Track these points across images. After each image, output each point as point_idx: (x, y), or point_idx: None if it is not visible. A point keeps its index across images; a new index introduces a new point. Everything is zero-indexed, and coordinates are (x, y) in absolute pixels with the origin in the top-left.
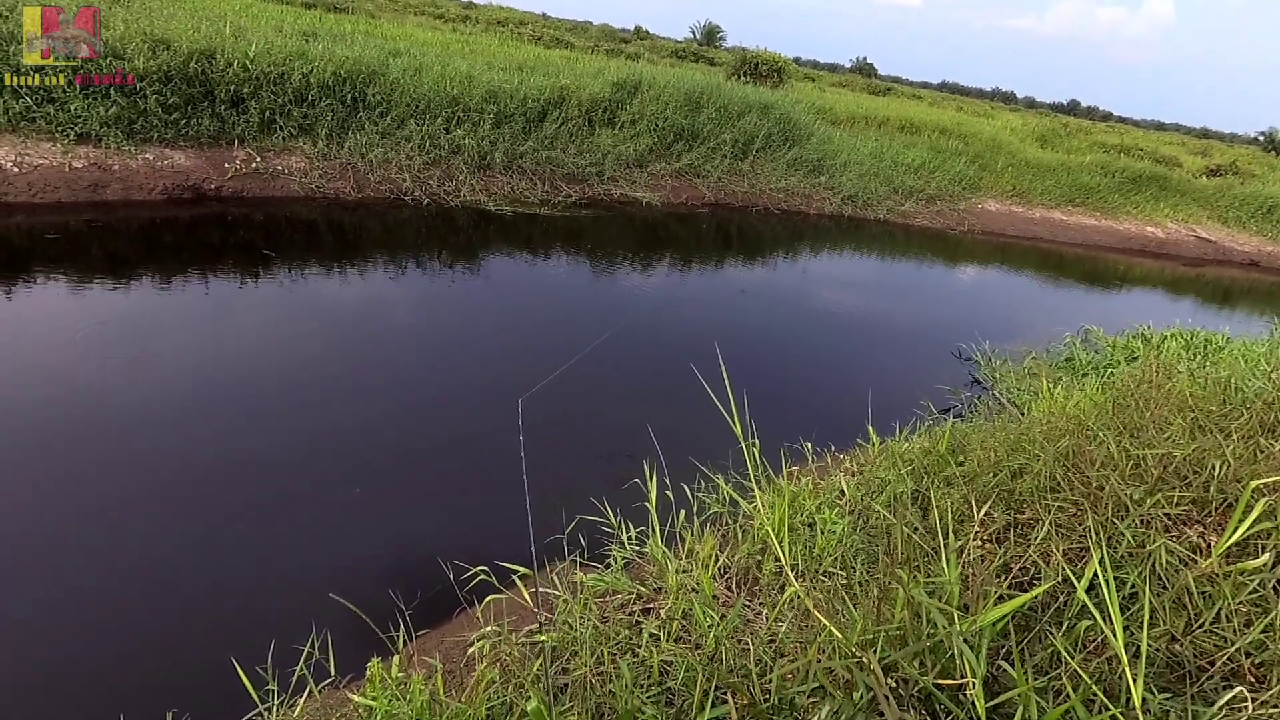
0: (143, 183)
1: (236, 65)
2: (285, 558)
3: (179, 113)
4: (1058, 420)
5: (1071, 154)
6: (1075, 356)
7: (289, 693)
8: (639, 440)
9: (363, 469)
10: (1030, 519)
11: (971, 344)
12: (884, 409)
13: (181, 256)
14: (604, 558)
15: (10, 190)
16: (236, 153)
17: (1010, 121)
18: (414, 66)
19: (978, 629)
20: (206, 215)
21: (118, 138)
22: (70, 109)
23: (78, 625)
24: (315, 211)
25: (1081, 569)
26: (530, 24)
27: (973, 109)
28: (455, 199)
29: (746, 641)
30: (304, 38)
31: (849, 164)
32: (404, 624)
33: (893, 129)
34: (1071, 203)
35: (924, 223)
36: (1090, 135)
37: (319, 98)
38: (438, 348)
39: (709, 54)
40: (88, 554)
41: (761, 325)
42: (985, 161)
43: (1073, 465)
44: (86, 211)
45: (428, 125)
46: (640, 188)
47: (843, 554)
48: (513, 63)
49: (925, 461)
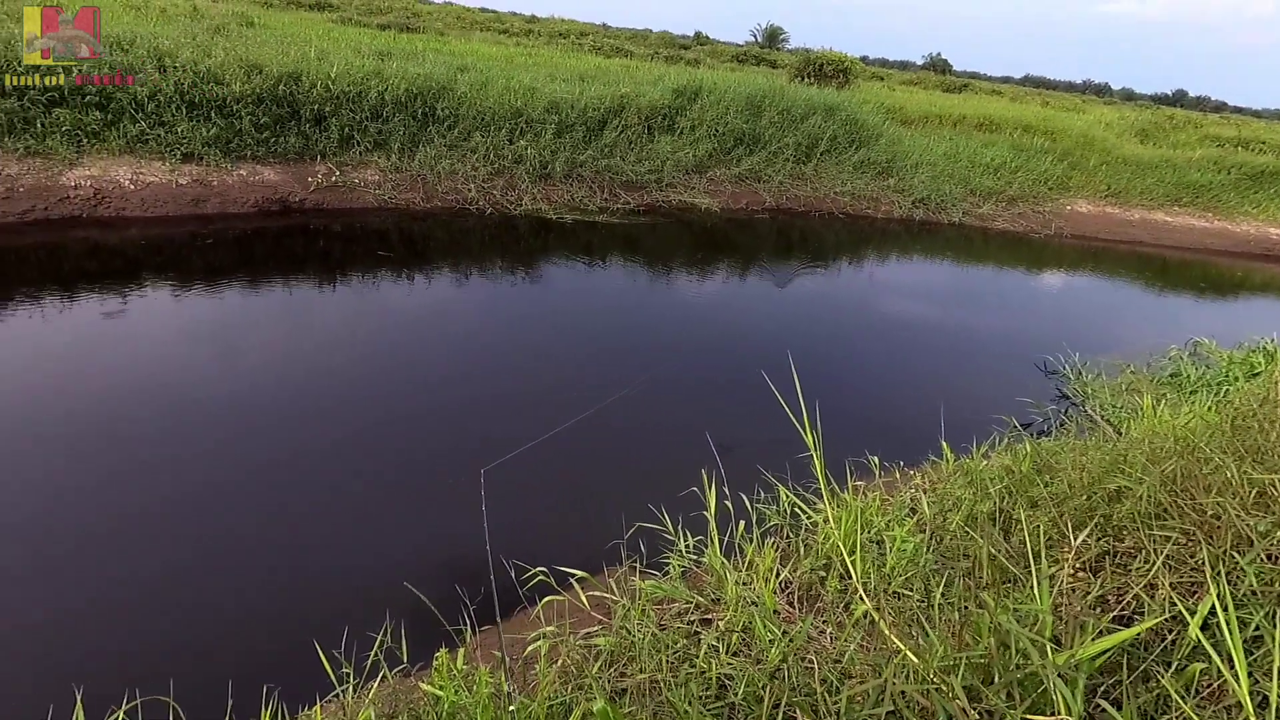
0: (238, 196)
1: (319, 86)
2: (364, 548)
3: (269, 131)
4: (1163, 441)
5: (1178, 149)
6: (1182, 371)
7: (363, 676)
8: (698, 448)
9: (440, 465)
10: (1131, 547)
11: (1058, 356)
12: (958, 423)
13: (272, 264)
14: (661, 565)
15: (127, 205)
16: (318, 167)
17: (1104, 116)
18: (480, 81)
19: (1075, 663)
20: (292, 226)
21: (216, 156)
22: (178, 130)
23: (182, 602)
24: (387, 221)
25: (1194, 605)
26: (591, 34)
27: (1060, 103)
28: (517, 208)
29: (811, 659)
30: (379, 57)
31: (920, 165)
32: (469, 618)
33: (969, 127)
34: (1177, 202)
35: (1004, 225)
36: (1200, 128)
37: (393, 113)
38: (507, 353)
39: (771, 56)
40: (194, 535)
41: (826, 334)
42: (1075, 159)
43: (1182, 490)
44: (189, 224)
45: (492, 137)
46: (699, 194)
47: (915, 574)
48: (574, 73)
49: (1007, 480)
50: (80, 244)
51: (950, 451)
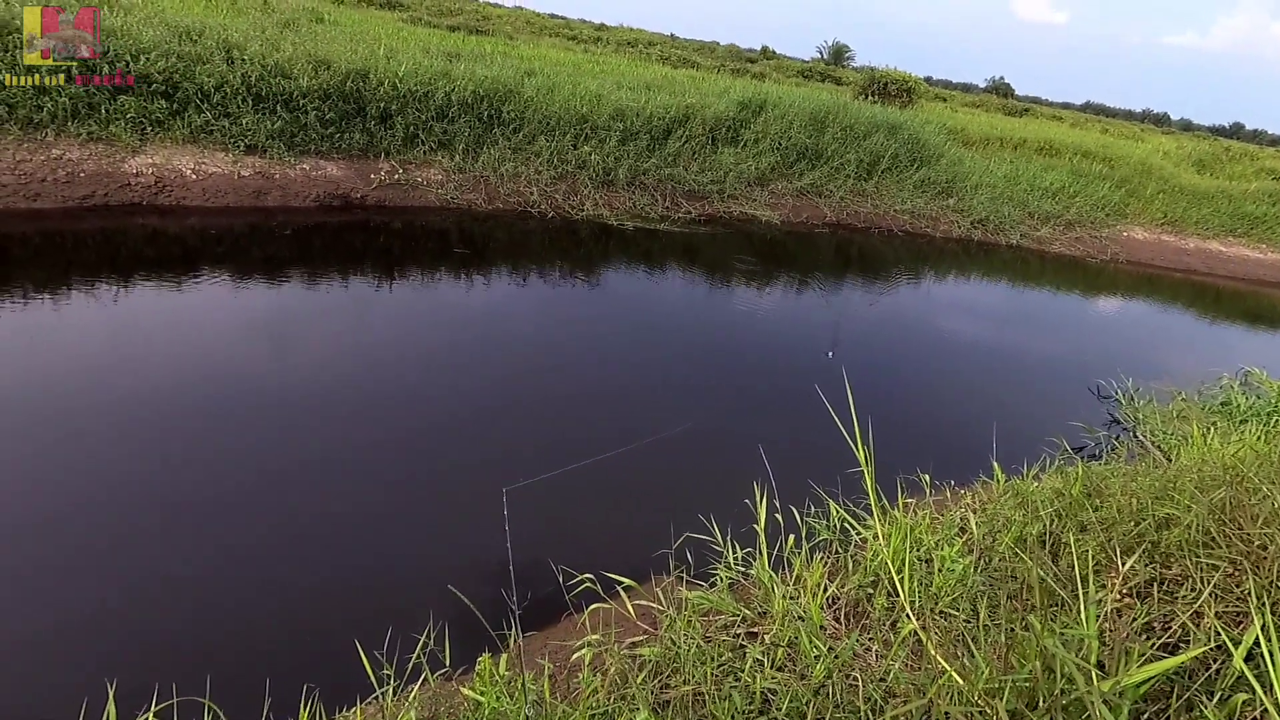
0: (299, 190)
1: (387, 84)
2: (409, 549)
3: (334, 127)
4: (1212, 469)
5: (1234, 180)
6: (1233, 400)
7: (404, 679)
8: (750, 459)
9: (486, 468)
10: (1178, 575)
11: (1112, 381)
12: (1010, 445)
13: (331, 259)
14: (708, 576)
15: (188, 195)
16: (382, 164)
17: (1163, 145)
18: (547, 85)
19: (1120, 690)
20: (353, 222)
21: (280, 149)
22: (242, 122)
23: (221, 599)
24: (449, 221)
25: (1240, 635)
26: (659, 44)
27: (1120, 131)
28: (579, 213)
29: (856, 677)
30: (448, 58)
31: (980, 186)
32: (514, 624)
33: (1030, 151)
34: (1233, 233)
35: (1061, 249)
36: (1257, 160)
37: (459, 114)
38: (565, 359)
39: (836, 73)
40: (234, 531)
41: (880, 349)
42: (1133, 187)
43: (1230, 520)
44: (250, 215)
45: (557, 141)
46: (760, 206)
47: (963, 595)
48: (640, 82)
49: (1057, 503)
50: (139, 231)
51: (1001, 472)
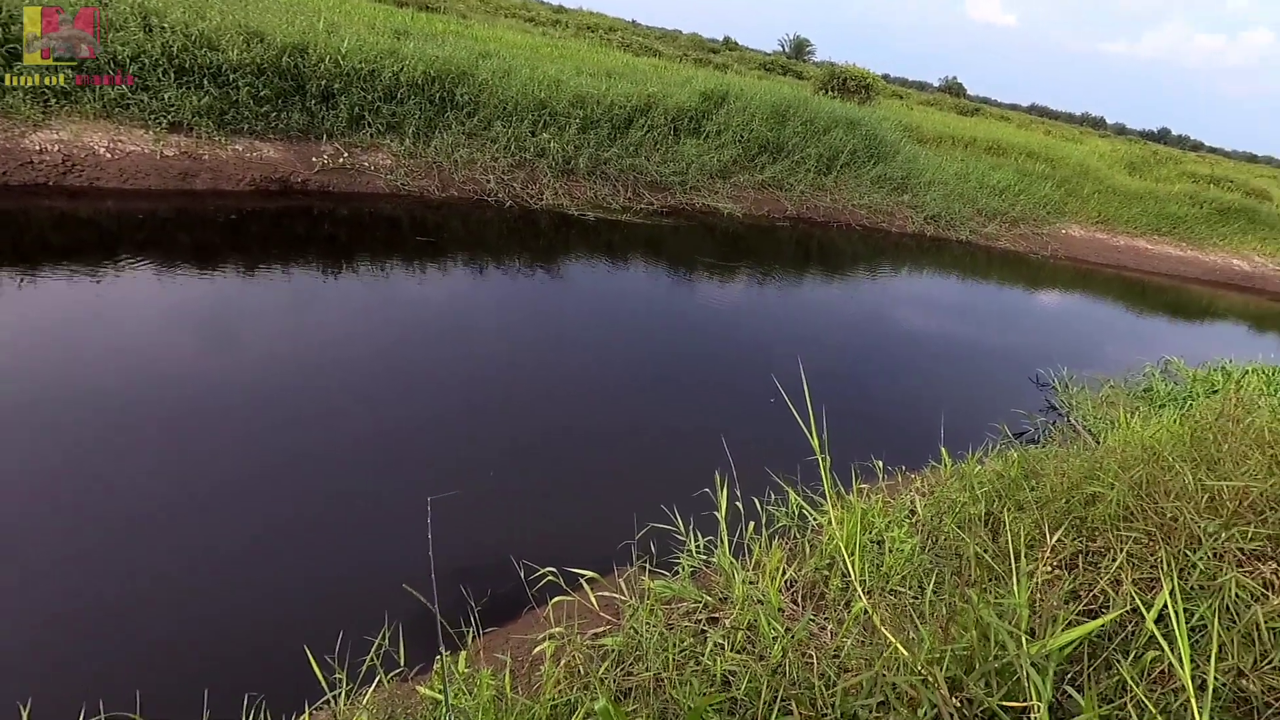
0: (232, 173)
1: (328, 61)
2: (361, 552)
3: (270, 105)
4: (1133, 450)
5: (1160, 182)
6: (1154, 387)
7: (357, 682)
8: (711, 449)
9: (441, 466)
10: (1101, 547)
11: (1050, 370)
12: (957, 431)
13: (269, 248)
14: (671, 565)
15: (103, 175)
16: (324, 147)
17: (1099, 147)
18: (503, 69)
19: (1046, 653)
20: (293, 208)
21: (209, 128)
22: (164, 97)
23: (163, 608)
24: (399, 209)
25: (1152, 599)
26: (620, 30)
27: (1061, 133)
28: (538, 202)
29: (811, 655)
30: (396, 36)
31: (934, 183)
32: (473, 620)
33: (979, 150)
34: (1158, 231)
35: (1006, 245)
36: (1180, 164)
37: (408, 96)
38: (519, 349)
39: (797, 67)
40: (172, 540)
41: (836, 342)
42: (1071, 186)
43: (1147, 495)
44: (176, 199)
45: (514, 128)
46: (722, 198)
47: (911, 572)
48: (601, 69)
49: (997, 484)
50: (45, 214)
51: (948, 457)
